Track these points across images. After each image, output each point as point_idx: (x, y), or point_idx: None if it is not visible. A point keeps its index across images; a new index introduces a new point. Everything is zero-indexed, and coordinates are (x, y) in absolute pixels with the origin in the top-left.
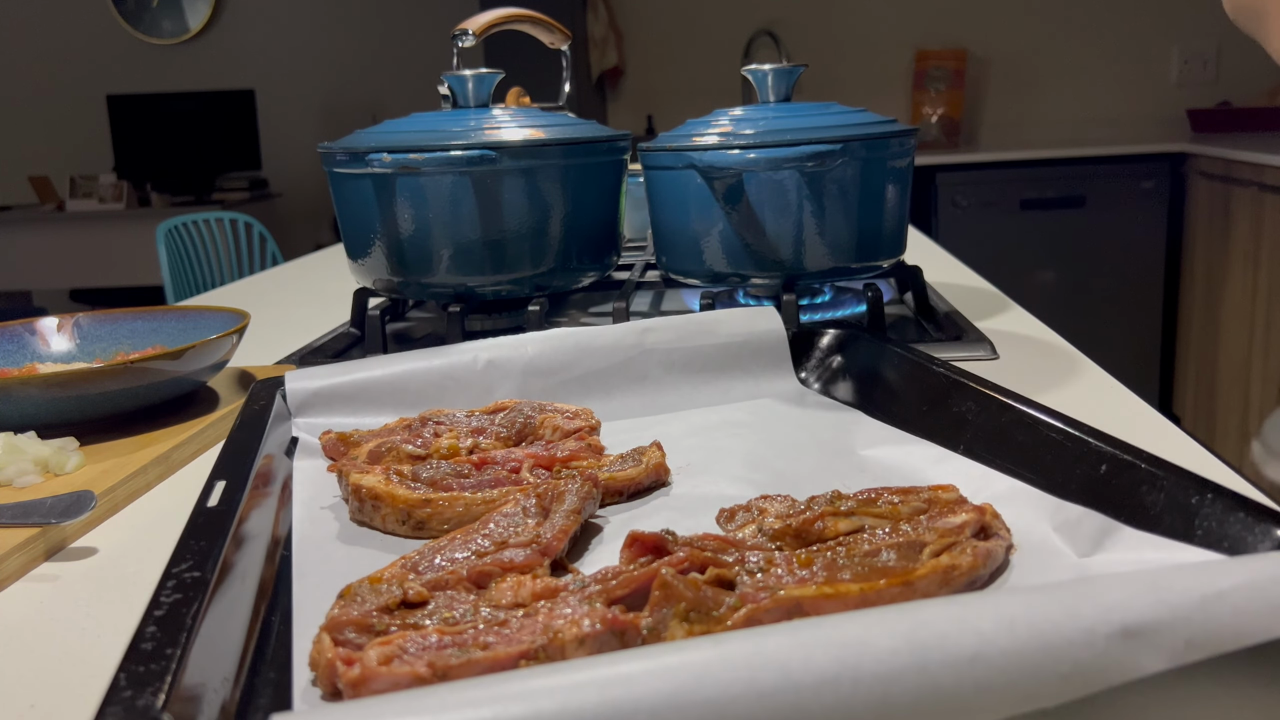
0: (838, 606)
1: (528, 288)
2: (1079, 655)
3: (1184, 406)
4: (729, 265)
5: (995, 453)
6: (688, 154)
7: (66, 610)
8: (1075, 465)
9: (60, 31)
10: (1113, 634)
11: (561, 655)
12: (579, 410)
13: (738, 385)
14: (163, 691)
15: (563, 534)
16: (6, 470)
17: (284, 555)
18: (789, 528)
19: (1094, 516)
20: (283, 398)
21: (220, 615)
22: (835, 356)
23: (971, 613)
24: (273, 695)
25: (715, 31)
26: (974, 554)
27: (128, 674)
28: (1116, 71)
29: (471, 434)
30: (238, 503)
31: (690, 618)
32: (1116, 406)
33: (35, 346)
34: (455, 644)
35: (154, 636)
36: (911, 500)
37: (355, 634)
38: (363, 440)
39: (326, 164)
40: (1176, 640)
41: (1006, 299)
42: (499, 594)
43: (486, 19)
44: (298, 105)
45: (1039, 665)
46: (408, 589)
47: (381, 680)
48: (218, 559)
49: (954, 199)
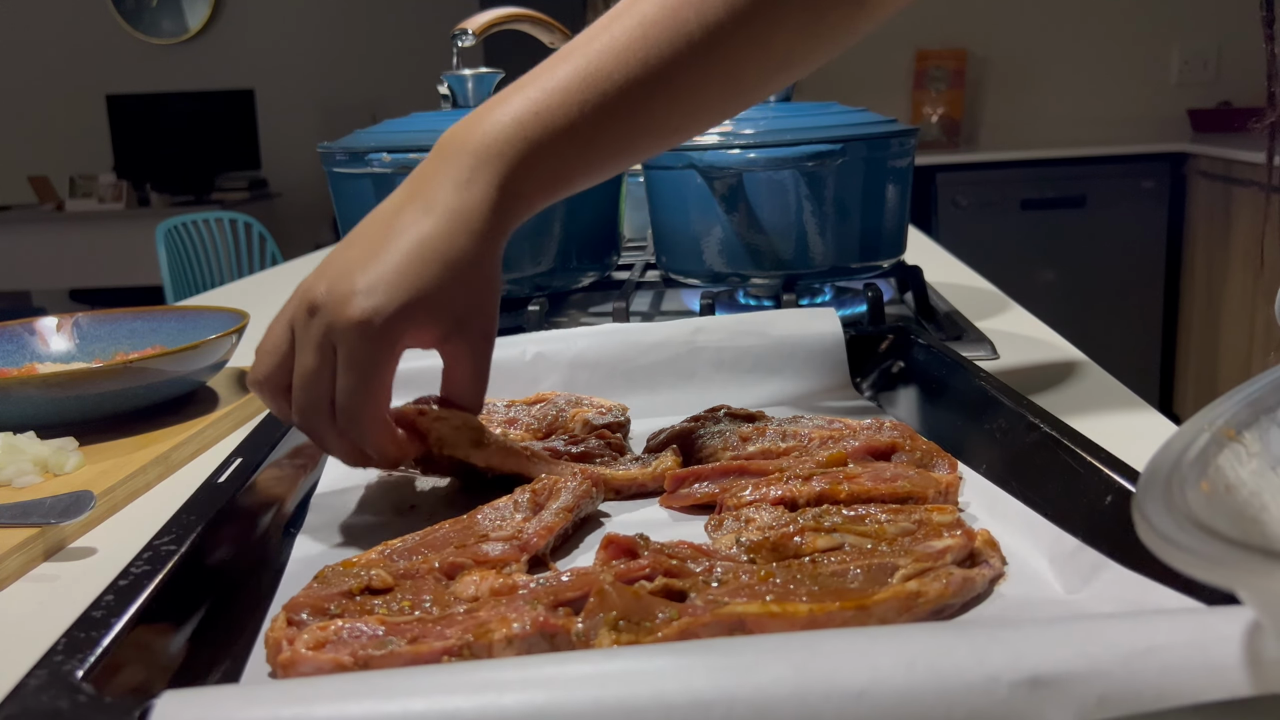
0: (783, 626)
1: (527, 288)
2: (976, 701)
3: (1184, 407)
4: (729, 265)
5: (1015, 475)
6: (688, 154)
7: (66, 610)
8: (1081, 494)
9: (60, 31)
10: (1018, 682)
11: (488, 653)
12: (612, 405)
13: (788, 387)
14: (89, 659)
15: (546, 531)
16: (6, 470)
17: (290, 532)
18: (766, 540)
19: (1088, 551)
20: None
21: (190, 588)
22: (890, 361)
23: (873, 646)
24: (228, 670)
25: None
26: (946, 583)
27: (68, 639)
28: (1116, 71)
29: (504, 424)
30: (243, 480)
31: (619, 626)
32: (1116, 406)
33: (34, 346)
34: (389, 634)
35: (107, 605)
36: (900, 520)
37: (310, 616)
38: None
39: (326, 164)
40: (1089, 694)
41: (1006, 299)
42: (463, 587)
43: (486, 19)
44: (297, 105)
45: (929, 710)
46: (373, 576)
47: (306, 665)
48: (200, 534)
49: (954, 199)
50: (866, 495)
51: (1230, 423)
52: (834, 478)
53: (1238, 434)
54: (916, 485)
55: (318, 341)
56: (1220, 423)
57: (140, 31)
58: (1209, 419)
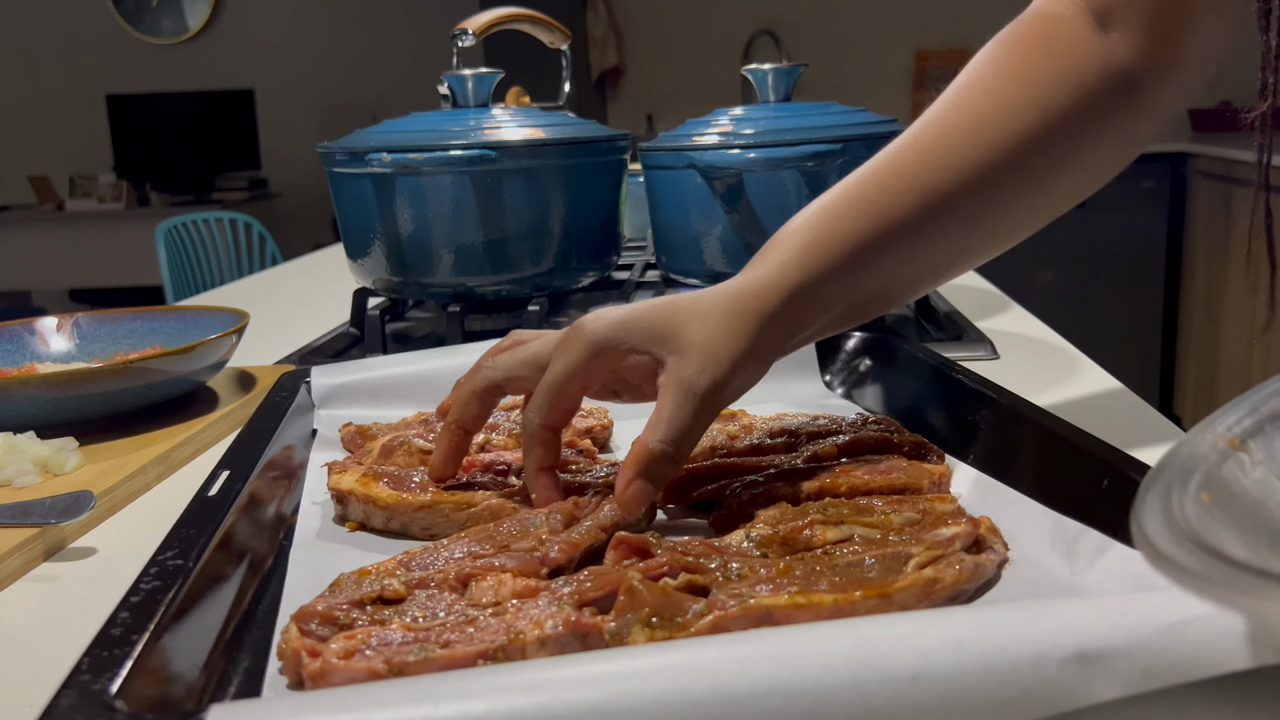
0: (809, 617)
1: (528, 288)
2: (1026, 680)
3: (1184, 406)
4: (729, 265)
5: (1005, 464)
6: (688, 154)
7: (66, 610)
8: (1078, 479)
9: (60, 31)
10: (1066, 659)
11: (522, 655)
12: (593, 409)
13: (760, 386)
14: (119, 677)
15: (570, 547)
16: (6, 470)
17: (284, 544)
18: (776, 535)
19: (1091, 534)
20: (308, 389)
21: (201, 602)
22: (860, 360)
23: (918, 630)
24: (243, 683)
25: (715, 31)
26: (960, 568)
27: (91, 658)
28: None
29: (485, 430)
30: (235, 493)
31: (653, 623)
32: (1116, 406)
33: (34, 346)
34: (417, 641)
35: (124, 622)
36: (905, 510)
37: (319, 626)
38: (380, 434)
39: (326, 164)
40: (1133, 668)
41: (1006, 299)
42: (480, 593)
43: (486, 19)
44: (297, 105)
45: (979, 689)
46: (385, 585)
47: (339, 674)
48: (203, 547)
49: None
50: (865, 488)
51: (1234, 432)
52: (831, 472)
53: (1242, 444)
54: (911, 477)
55: (555, 339)
56: (1223, 431)
57: (140, 31)
58: (1212, 428)
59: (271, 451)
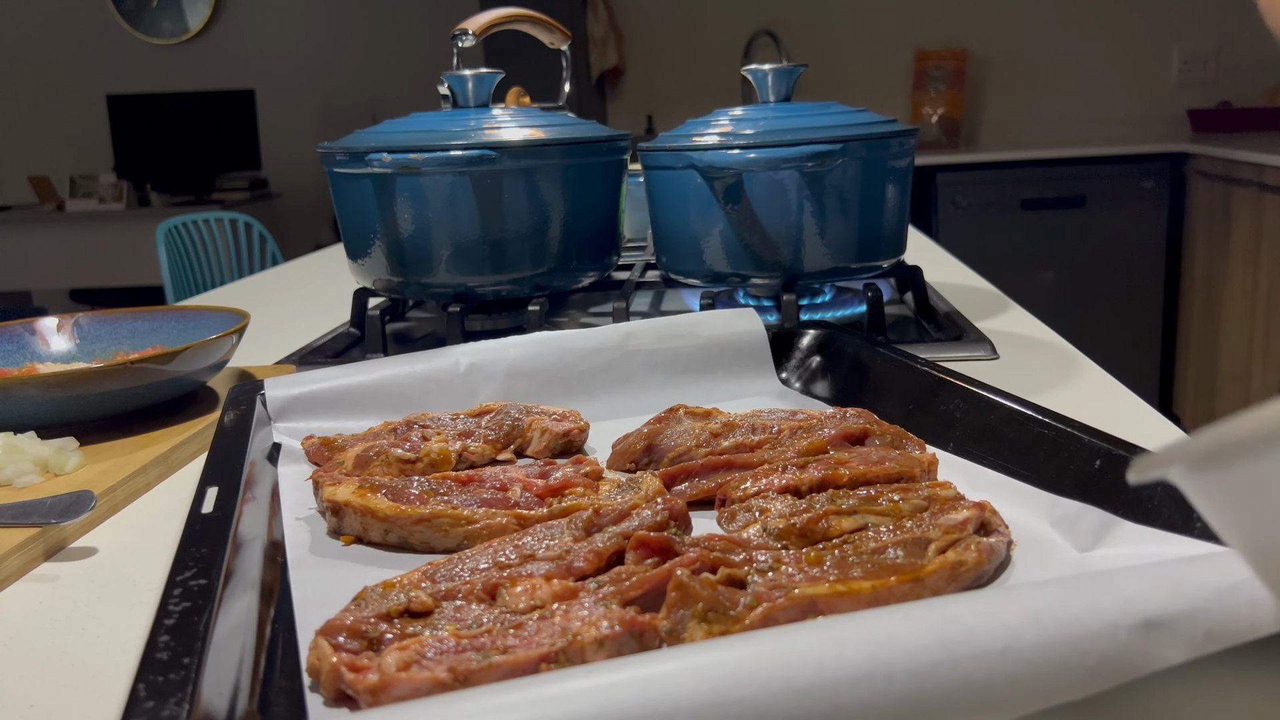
0: (851, 604)
1: (528, 288)
2: (1104, 647)
3: (1184, 406)
4: (729, 265)
5: (986, 450)
6: (688, 154)
7: (66, 610)
8: (1069, 461)
9: (60, 31)
10: (1135, 626)
11: (581, 658)
12: (566, 412)
13: (720, 386)
14: (186, 701)
15: (595, 556)
16: (6, 470)
17: (281, 561)
18: (793, 527)
19: (1092, 511)
20: (263, 403)
21: (228, 623)
22: (814, 356)
23: (996, 607)
24: (286, 703)
25: (715, 31)
26: (979, 550)
27: (146, 685)
28: (1116, 71)
29: (459, 437)
30: (233, 508)
31: (708, 618)
32: (1116, 406)
33: (35, 346)
34: (474, 648)
35: (168, 646)
36: (911, 498)
37: (348, 639)
38: (347, 445)
39: (326, 164)
40: (1196, 631)
41: (1006, 299)
42: (513, 600)
43: (486, 19)
44: (297, 105)
45: (1067, 658)
46: (412, 598)
47: (402, 686)
48: (221, 566)
49: (954, 199)
50: (864, 478)
51: None
52: (829, 464)
53: None
54: (904, 465)
55: None
56: None
57: (140, 31)
58: None
59: (248, 466)
